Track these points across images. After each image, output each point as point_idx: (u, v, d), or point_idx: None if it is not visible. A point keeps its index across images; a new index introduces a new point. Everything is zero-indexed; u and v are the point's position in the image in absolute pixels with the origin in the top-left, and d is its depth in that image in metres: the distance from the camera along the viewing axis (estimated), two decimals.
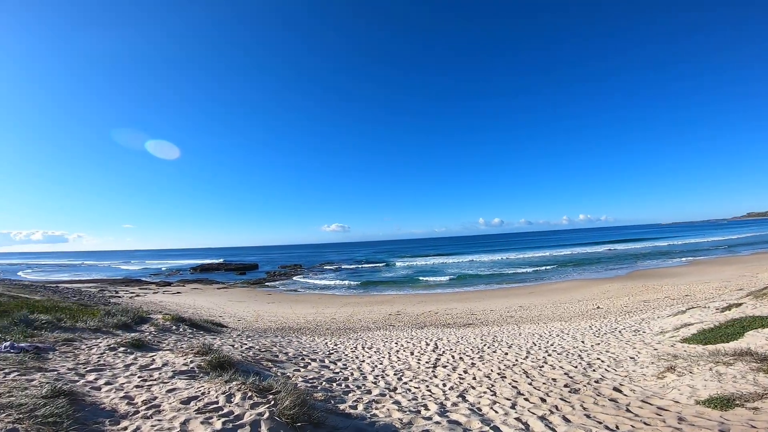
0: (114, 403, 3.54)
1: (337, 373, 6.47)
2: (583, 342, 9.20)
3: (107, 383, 4.20)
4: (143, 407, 3.50)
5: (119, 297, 27.50)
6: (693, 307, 11.69)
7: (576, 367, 6.83)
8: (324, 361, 7.38)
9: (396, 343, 10.34)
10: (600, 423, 4.07)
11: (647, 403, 4.67)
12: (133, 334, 7.35)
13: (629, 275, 33.59)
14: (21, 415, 2.75)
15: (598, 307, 18.36)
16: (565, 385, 5.65)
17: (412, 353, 8.71)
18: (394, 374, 6.61)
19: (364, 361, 7.80)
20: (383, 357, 8.29)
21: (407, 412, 4.38)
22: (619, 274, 35.44)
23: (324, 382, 5.67)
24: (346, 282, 41.58)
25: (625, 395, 5.05)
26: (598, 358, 7.39)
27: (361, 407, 4.53)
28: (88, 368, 4.73)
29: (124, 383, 4.25)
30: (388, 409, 4.48)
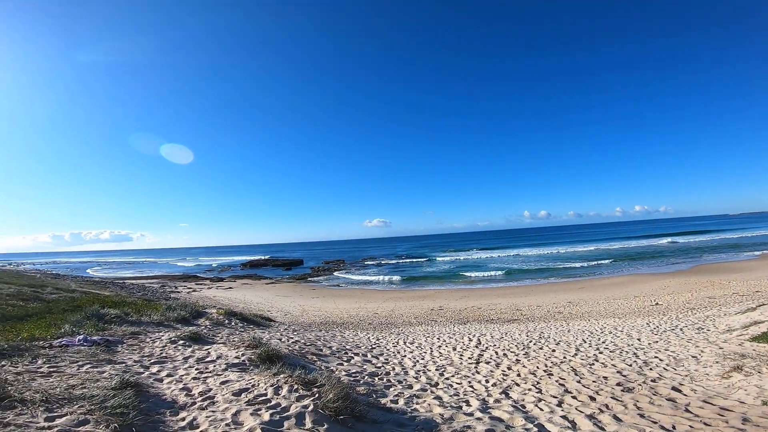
0: (174, 395, 3.85)
1: (379, 367, 6.58)
2: (639, 339, 8.70)
3: (168, 375, 4.57)
4: (199, 398, 3.78)
5: (178, 292, 29.54)
6: (764, 304, 10.67)
7: (630, 365, 6.49)
8: (366, 356, 7.53)
9: (438, 339, 10.32)
10: (655, 423, 3.87)
11: (709, 403, 4.36)
12: (190, 328, 7.91)
13: (692, 270, 31.17)
14: (93, 406, 3.06)
15: (657, 304, 17.23)
16: (618, 384, 5.39)
17: (454, 349, 8.66)
18: (436, 369, 6.62)
19: (405, 356, 7.87)
20: (425, 352, 8.32)
21: (448, 408, 4.38)
22: (680, 268, 32.98)
23: (366, 377, 5.80)
24: (388, 277, 41.93)
25: (685, 395, 4.75)
26: (656, 357, 6.97)
27: (402, 402, 4.60)
28: (152, 360, 5.16)
29: (183, 375, 4.60)
30: (429, 404, 4.51)
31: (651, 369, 6.15)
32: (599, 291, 23.73)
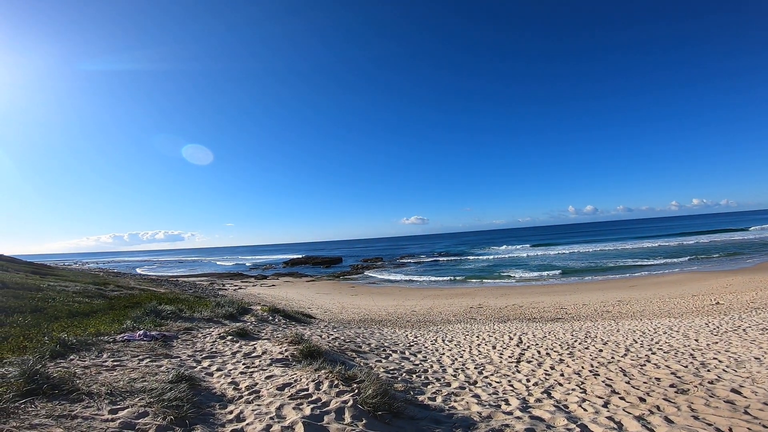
0: (223, 389, 4.09)
1: (417, 364, 6.61)
2: (696, 340, 8.14)
3: (218, 369, 4.85)
4: (246, 392, 3.99)
5: (225, 289, 31.06)
6: None
7: (686, 366, 6.09)
8: (404, 353, 7.59)
9: (477, 337, 10.18)
10: (710, 425, 3.64)
11: None
12: (237, 324, 8.32)
13: (758, 267, 28.61)
14: (152, 399, 3.32)
15: (718, 303, 15.99)
16: (671, 385, 5.09)
17: (494, 347, 8.52)
18: (475, 368, 6.55)
19: (444, 353, 7.85)
20: (464, 350, 8.25)
21: (486, 406, 4.34)
22: (744, 265, 30.36)
23: (404, 374, 5.85)
24: (426, 274, 41.77)
25: (745, 397, 4.41)
26: (715, 358, 6.50)
27: (439, 399, 4.61)
28: (203, 355, 5.51)
29: (231, 370, 4.87)
30: (467, 402, 4.49)
31: (709, 370, 5.74)
32: (652, 289, 22.34)
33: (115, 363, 4.56)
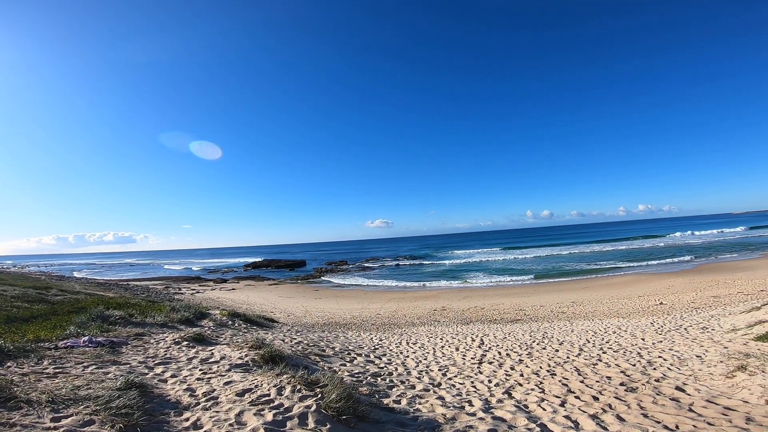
0: (178, 395, 3.87)
1: (382, 368, 6.59)
2: (643, 339, 8.67)
3: (173, 376, 4.59)
4: (203, 399, 3.80)
5: (182, 294, 29.65)
6: None
7: (634, 365, 6.46)
8: (369, 356, 7.54)
9: (441, 339, 10.32)
10: (658, 422, 3.86)
11: (713, 402, 4.35)
12: (194, 329, 7.94)
13: (697, 269, 31.02)
14: (98, 407, 3.09)
15: (662, 303, 17.16)
16: (621, 384, 5.38)
17: (457, 349, 8.66)
18: (439, 370, 6.62)
19: (408, 356, 7.88)
20: (428, 352, 8.32)
21: (451, 408, 4.39)
22: (685, 267, 32.84)
23: (369, 377, 5.81)
24: (391, 277, 41.94)
25: (689, 395, 4.73)
26: (660, 356, 6.94)
27: (404, 402, 4.61)
28: (156, 361, 5.19)
29: (187, 376, 4.62)
30: (432, 405, 4.52)
31: (655, 369, 6.12)
32: (603, 290, 23.64)
33: (57, 370, 4.20)
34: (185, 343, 6.54)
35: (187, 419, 3.28)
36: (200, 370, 4.93)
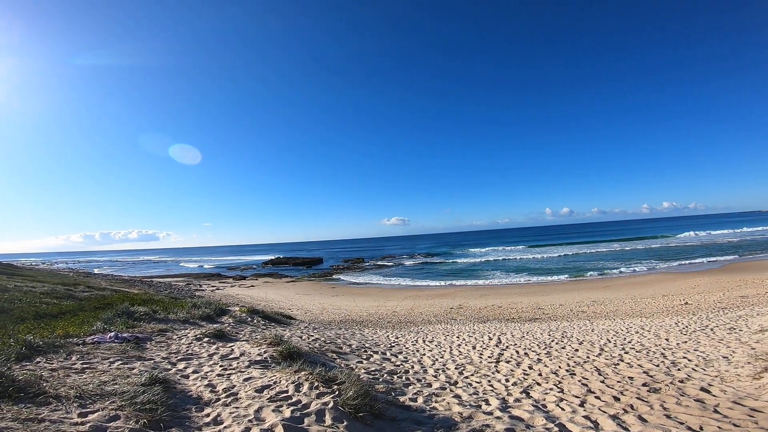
0: (199, 391, 3.98)
1: (398, 365, 6.61)
2: (667, 340, 8.43)
3: (194, 371, 4.71)
4: (223, 395, 3.89)
5: (203, 290, 30.34)
6: None
7: (657, 365, 6.29)
8: (385, 354, 7.57)
9: (457, 337, 10.27)
10: (681, 424, 3.76)
11: (739, 404, 4.20)
12: (215, 325, 8.13)
13: (724, 268, 29.93)
14: (123, 402, 3.19)
15: (687, 303, 16.64)
16: (644, 384, 5.25)
17: (474, 347, 8.60)
18: (455, 368, 6.59)
19: (424, 354, 7.87)
20: (444, 351, 8.29)
21: (467, 406, 4.37)
22: (712, 267, 31.72)
23: (385, 375, 5.83)
24: (407, 275, 41.91)
25: (714, 396, 4.59)
26: (685, 357, 6.74)
27: (421, 400, 4.61)
28: (179, 357, 5.34)
29: (207, 372, 4.74)
30: (448, 403, 4.51)
31: (679, 369, 5.96)
32: (625, 290, 23.06)
33: (85, 365, 4.37)
34: (206, 339, 6.70)
35: (207, 415, 3.36)
36: (221, 366, 5.04)
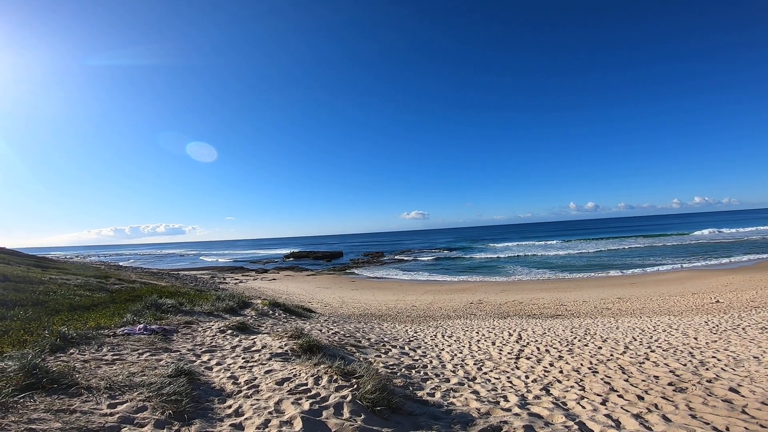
0: (222, 383, 4.10)
1: (417, 360, 6.63)
2: (695, 339, 8.15)
3: (217, 363, 4.87)
4: (245, 387, 4.00)
5: (226, 283, 31.14)
6: None
7: (685, 365, 6.10)
8: (404, 348, 7.60)
9: (477, 333, 10.21)
10: (707, 424, 3.65)
11: None
12: (237, 318, 8.34)
13: (758, 266, 28.60)
14: (150, 393, 3.33)
15: (718, 301, 16.00)
16: (670, 384, 5.10)
17: (493, 343, 8.54)
18: (474, 364, 6.57)
19: (443, 349, 7.87)
20: (463, 346, 8.27)
21: (485, 402, 4.35)
22: (745, 264, 30.35)
23: (403, 369, 5.86)
24: (427, 269, 41.81)
25: (743, 396, 4.42)
26: (714, 357, 6.51)
27: (438, 395, 4.62)
28: (203, 349, 5.52)
29: (230, 364, 4.88)
30: (466, 399, 4.50)
31: (707, 369, 5.76)
32: (652, 287, 22.34)
33: (115, 357, 4.57)
34: (229, 331, 6.88)
35: (229, 406, 3.47)
36: (243, 358, 5.18)
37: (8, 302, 7.35)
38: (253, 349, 5.76)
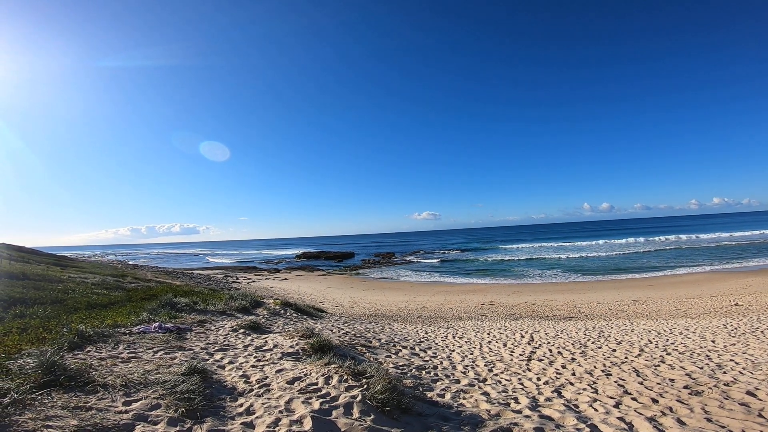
0: (234, 381, 4.17)
1: (427, 361, 6.62)
2: (713, 342, 7.96)
3: (230, 362, 4.94)
4: (256, 386, 4.05)
5: (239, 282, 31.54)
6: None
7: (701, 368, 5.96)
8: (414, 349, 7.60)
9: (488, 334, 10.14)
10: (723, 427, 3.58)
11: None
12: (250, 317, 8.46)
13: None
14: (164, 391, 3.40)
15: (737, 304, 15.59)
16: (685, 387, 4.99)
17: (504, 345, 8.47)
18: (485, 365, 6.53)
19: (454, 350, 7.84)
20: (474, 347, 8.22)
21: (496, 404, 4.33)
22: (766, 267, 29.47)
23: (413, 370, 5.86)
24: (438, 270, 41.68)
25: (761, 400, 4.31)
26: (732, 360, 6.35)
27: (448, 396, 4.61)
28: (216, 348, 5.61)
29: (242, 363, 4.95)
30: (476, 400, 4.48)
31: (725, 372, 5.62)
32: (669, 289, 21.88)
33: (131, 355, 4.68)
34: (242, 330, 6.98)
35: (241, 405, 3.52)
36: (255, 357, 5.25)
37: (28, 300, 7.58)
38: (264, 348, 5.83)
